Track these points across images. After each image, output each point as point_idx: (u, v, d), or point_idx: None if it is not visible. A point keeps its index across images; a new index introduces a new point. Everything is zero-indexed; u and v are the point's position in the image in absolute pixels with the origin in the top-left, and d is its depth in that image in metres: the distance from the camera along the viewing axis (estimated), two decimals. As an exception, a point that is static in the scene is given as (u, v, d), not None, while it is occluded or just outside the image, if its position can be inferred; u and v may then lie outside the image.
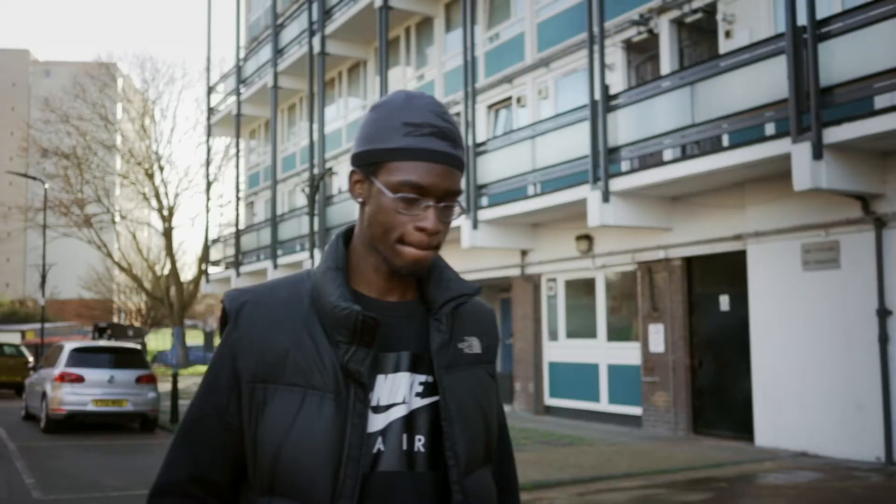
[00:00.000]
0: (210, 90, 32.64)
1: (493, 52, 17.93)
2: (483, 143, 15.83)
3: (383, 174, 1.43)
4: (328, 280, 1.45)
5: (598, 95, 12.78)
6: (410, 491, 1.41)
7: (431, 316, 1.49)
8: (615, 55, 14.45)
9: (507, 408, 16.40)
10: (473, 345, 1.54)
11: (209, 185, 33.68)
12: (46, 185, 35.61)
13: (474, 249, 16.30)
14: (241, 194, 30.82)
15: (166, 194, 39.98)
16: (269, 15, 27.02)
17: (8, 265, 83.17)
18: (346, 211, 20.76)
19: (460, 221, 15.86)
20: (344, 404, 1.39)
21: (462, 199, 15.10)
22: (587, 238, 14.74)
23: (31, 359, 25.74)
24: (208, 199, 33.87)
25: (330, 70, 24.53)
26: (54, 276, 59.73)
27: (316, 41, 22.48)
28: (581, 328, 15.38)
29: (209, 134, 32.68)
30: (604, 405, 14.72)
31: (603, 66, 12.82)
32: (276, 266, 23.75)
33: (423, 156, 1.41)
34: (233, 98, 29.60)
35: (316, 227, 21.77)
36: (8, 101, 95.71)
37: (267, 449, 1.40)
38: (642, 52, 14.38)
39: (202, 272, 35.56)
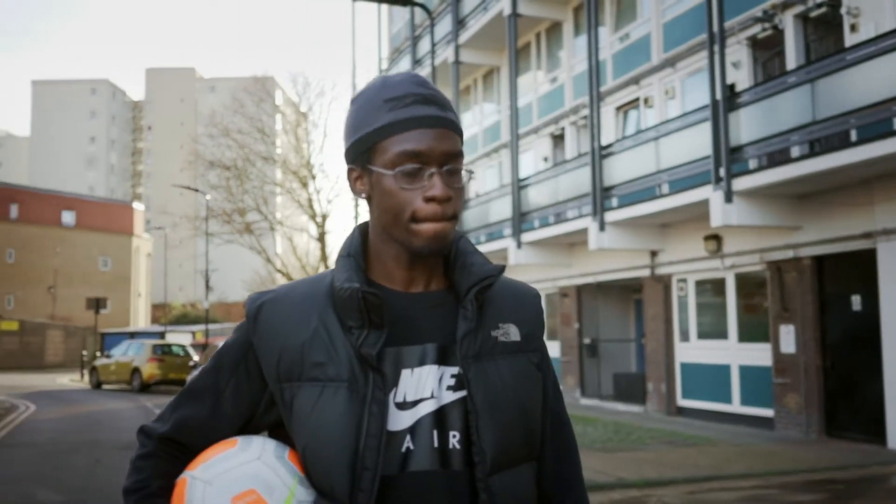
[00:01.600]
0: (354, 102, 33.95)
1: (620, 53, 18.00)
2: (609, 146, 15.97)
3: (378, 157, 1.38)
4: (339, 267, 1.43)
5: (719, 95, 12.72)
6: (444, 490, 1.35)
7: (460, 304, 1.42)
8: (740, 53, 14.29)
9: (639, 408, 16.50)
10: (510, 332, 1.45)
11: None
12: (208, 197, 38.04)
13: (602, 251, 16.47)
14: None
15: (319, 201, 41.84)
16: (409, 27, 27.97)
17: (180, 270, 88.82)
18: (482, 213, 21.31)
19: (587, 223, 16.07)
20: (361, 392, 1.34)
21: (588, 201, 15.35)
22: (715, 238, 14.62)
23: (195, 357, 27.76)
24: (357, 204, 35.28)
25: (465, 77, 25.18)
26: (221, 281, 63.48)
27: (450, 50, 23.18)
28: (712, 329, 15.25)
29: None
30: (735, 407, 14.55)
31: (724, 64, 12.74)
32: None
33: (412, 124, 1.36)
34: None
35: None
36: (177, 117, 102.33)
37: (298, 447, 1.38)
38: (768, 49, 14.14)
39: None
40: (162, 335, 35.62)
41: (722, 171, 12.52)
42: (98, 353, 34.84)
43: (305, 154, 42.50)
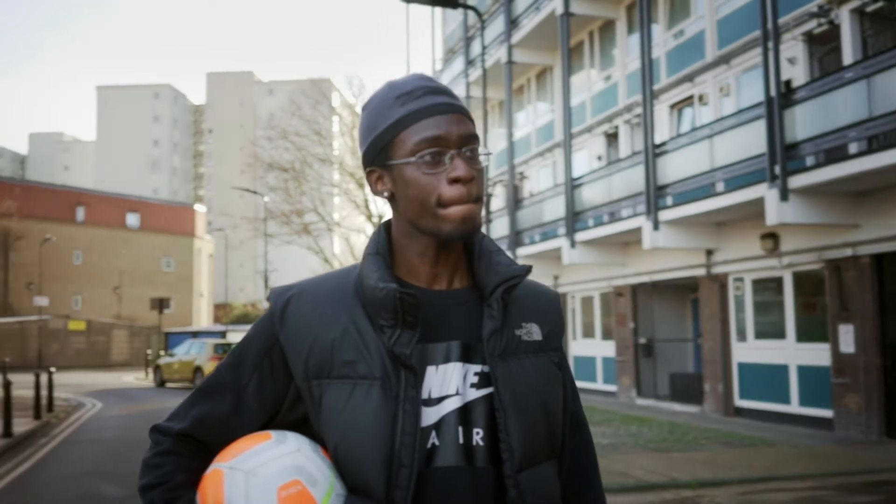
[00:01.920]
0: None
1: (674, 51, 17.87)
2: (662, 144, 15.87)
3: (397, 150, 1.41)
4: (368, 265, 1.43)
5: (773, 91, 12.57)
6: (469, 487, 1.36)
7: (484, 302, 1.44)
8: (796, 49, 14.09)
9: (695, 409, 16.37)
10: (532, 331, 1.48)
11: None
12: (266, 198, 38.65)
13: (656, 250, 16.38)
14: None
15: (375, 202, 42.20)
16: (462, 27, 28.09)
17: (241, 271, 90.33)
18: (536, 213, 21.33)
19: (641, 222, 16.00)
20: (393, 391, 1.35)
21: (641, 199, 15.27)
22: (772, 236, 14.44)
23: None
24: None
25: (519, 77, 25.22)
26: (280, 281, 64.30)
27: (503, 50, 23.25)
28: (769, 328, 15.06)
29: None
30: (794, 407, 14.35)
31: (778, 61, 12.58)
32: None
33: (426, 112, 1.40)
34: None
35: (507, 231, 22.49)
36: (237, 120, 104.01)
37: (329, 445, 1.38)
38: (824, 44, 13.92)
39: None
40: (223, 334, 36.28)
41: (777, 169, 12.37)
42: (162, 352, 35.67)
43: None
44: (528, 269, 1.45)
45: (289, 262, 63.14)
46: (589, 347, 21.52)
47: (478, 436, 1.38)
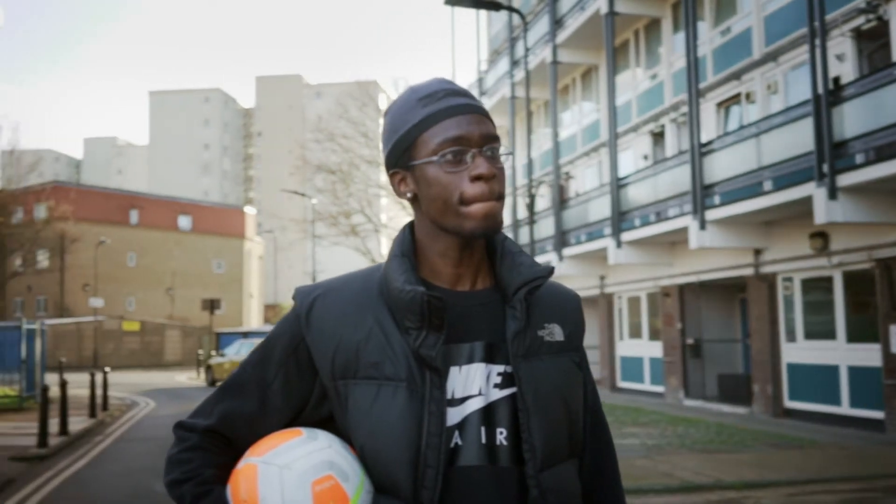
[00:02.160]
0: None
1: (720, 48, 17.70)
2: (709, 143, 15.74)
3: (420, 151, 1.43)
4: (394, 267, 1.43)
5: (821, 89, 12.41)
6: (492, 486, 1.37)
7: (507, 303, 1.45)
8: (844, 45, 13.89)
9: (744, 410, 16.21)
10: (555, 332, 1.49)
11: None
12: (314, 200, 39.06)
13: (704, 250, 16.25)
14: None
15: (421, 203, 42.38)
16: (507, 28, 28.10)
17: (290, 272, 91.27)
18: (582, 213, 21.28)
19: (687, 221, 15.89)
20: (419, 392, 1.36)
21: (688, 199, 15.14)
22: (821, 235, 14.24)
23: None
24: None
25: (564, 77, 25.17)
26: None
27: (548, 50, 23.23)
28: (819, 328, 14.85)
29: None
30: (845, 409, 14.13)
31: (825, 58, 12.42)
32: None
33: (448, 113, 1.42)
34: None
35: (552, 231, 22.46)
36: (285, 123, 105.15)
37: (356, 444, 1.40)
38: (873, 41, 13.70)
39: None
40: (272, 335, 36.74)
41: (825, 167, 12.22)
42: (213, 352, 36.24)
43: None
44: (550, 270, 1.46)
45: (337, 263, 63.61)
46: (636, 348, 21.40)
47: (501, 435, 1.39)
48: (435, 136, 1.40)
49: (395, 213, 47.14)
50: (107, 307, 53.83)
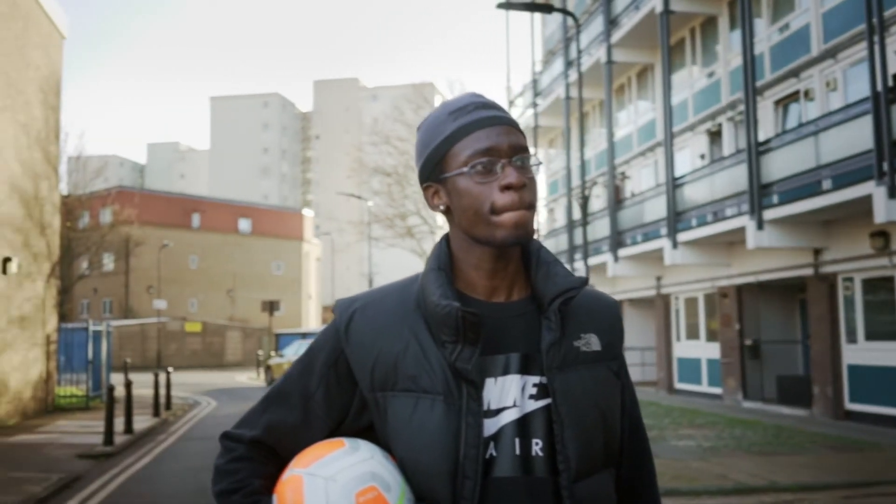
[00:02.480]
0: (510, 105, 34.38)
1: (778, 45, 17.44)
2: (766, 142, 15.54)
3: (450, 163, 1.45)
4: (430, 280, 1.45)
5: (880, 86, 12.18)
6: (526, 496, 1.38)
7: (542, 314, 1.46)
8: (906, 40, 13.60)
9: (804, 412, 15.95)
10: (591, 342, 1.49)
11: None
12: (370, 203, 39.37)
13: (762, 250, 16.04)
14: (543, 201, 32.19)
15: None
16: (561, 28, 28.04)
17: (347, 273, 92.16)
18: (637, 214, 21.15)
19: (744, 221, 15.70)
20: (456, 405, 1.38)
21: (745, 198, 14.95)
22: (882, 234, 13.95)
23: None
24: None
25: (619, 76, 25.04)
26: (384, 283, 65.44)
27: (603, 50, 23.14)
28: (882, 329, 14.54)
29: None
30: (908, 411, 13.84)
31: (884, 54, 12.19)
32: (573, 270, 24.47)
33: (477, 125, 1.44)
34: (531, 111, 31.03)
35: (608, 232, 22.37)
36: (342, 126, 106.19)
37: (396, 455, 1.42)
38: (936, 34, 13.39)
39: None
40: (330, 336, 37.14)
41: (885, 166, 11.99)
42: (272, 353, 36.79)
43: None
44: (584, 281, 1.46)
45: (392, 264, 64.07)
46: (693, 349, 21.19)
47: (536, 446, 1.40)
48: (465, 149, 1.42)
49: (451, 215, 47.26)
50: (170, 309, 55.05)
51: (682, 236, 18.40)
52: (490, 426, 1.39)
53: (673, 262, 18.70)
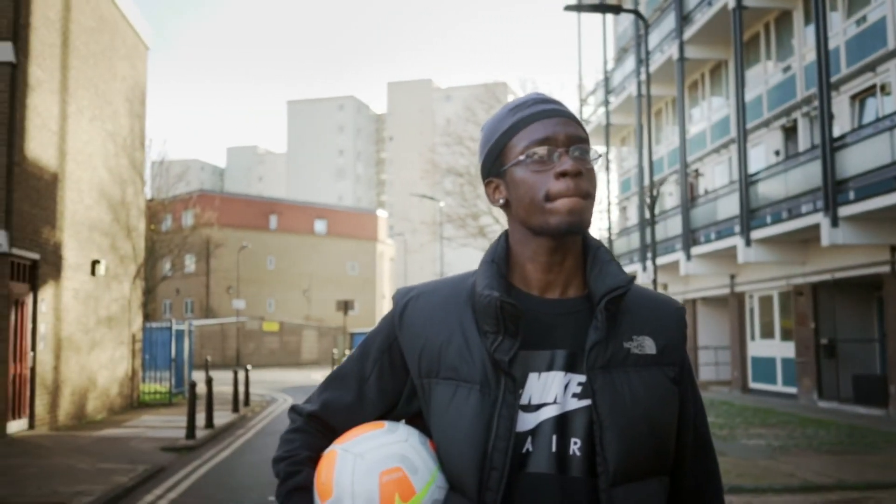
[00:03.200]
0: (582, 103, 34.31)
1: (854, 39, 17.10)
2: (841, 137, 15.28)
3: (509, 156, 1.47)
4: (481, 272, 1.47)
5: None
6: (558, 495, 1.37)
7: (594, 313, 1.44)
8: None
9: (880, 412, 15.63)
10: (645, 344, 1.45)
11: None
12: (442, 203, 39.70)
13: (838, 247, 15.77)
14: (614, 199, 32.03)
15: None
16: (634, 25, 27.88)
17: (420, 273, 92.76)
18: (710, 211, 20.95)
19: (818, 218, 15.47)
20: (492, 395, 1.39)
21: (819, 196, 14.71)
22: (963, 231, 13.62)
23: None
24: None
25: (692, 73, 24.80)
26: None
27: (675, 47, 22.96)
28: (963, 328, 14.19)
29: (583, 145, 34.22)
30: None
31: (962, 47, 11.90)
32: (643, 269, 24.42)
33: (534, 118, 1.46)
34: (603, 109, 30.93)
35: (681, 230, 22.20)
36: (415, 127, 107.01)
37: (435, 441, 1.45)
38: None
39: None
40: (404, 335, 37.51)
41: (963, 160, 11.72)
42: (347, 352, 37.36)
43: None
44: (631, 280, 1.44)
45: (464, 264, 64.35)
46: (768, 348, 20.89)
47: (575, 446, 1.38)
48: (522, 140, 1.44)
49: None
50: (248, 308, 56.36)
51: (756, 234, 18.18)
52: (529, 421, 1.39)
53: (746, 260, 18.48)
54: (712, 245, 20.61)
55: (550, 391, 1.39)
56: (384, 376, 1.53)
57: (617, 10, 16.43)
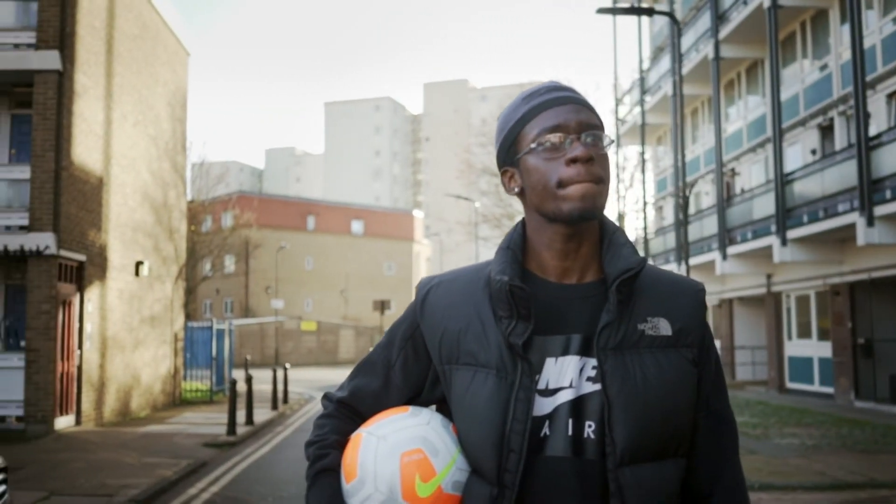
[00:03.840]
0: (617, 102, 34.26)
1: (890, 37, 16.97)
2: (877, 136, 15.21)
3: (522, 144, 1.48)
4: (497, 259, 1.49)
5: None
6: (575, 477, 1.39)
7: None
8: None
9: (919, 412, 15.49)
10: (660, 326, 1.45)
11: (621, 194, 35.27)
12: (477, 204, 39.84)
13: (874, 247, 15.69)
14: (650, 199, 31.95)
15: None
16: (669, 25, 27.81)
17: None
18: (746, 210, 20.88)
19: (854, 218, 15.40)
20: (509, 379, 1.41)
21: (855, 195, 14.67)
22: None
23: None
24: (622, 206, 35.46)
25: (728, 72, 24.70)
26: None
27: (711, 46, 22.91)
28: None
29: (618, 144, 34.19)
30: None
31: None
32: (678, 269, 24.33)
33: (547, 105, 1.46)
34: (639, 108, 30.87)
35: (716, 230, 22.14)
36: (451, 127, 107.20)
37: (456, 425, 1.49)
38: None
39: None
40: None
41: None
42: (384, 352, 37.52)
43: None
44: (642, 261, 1.44)
45: (503, 264, 64.42)
46: (805, 348, 20.78)
47: (590, 429, 1.40)
48: (535, 128, 1.45)
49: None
50: (286, 308, 56.95)
51: (792, 233, 18.11)
52: (546, 405, 1.41)
53: (782, 259, 18.42)
54: (748, 244, 20.54)
55: (566, 375, 1.42)
56: (409, 363, 1.57)
57: (650, 12, 16.49)
